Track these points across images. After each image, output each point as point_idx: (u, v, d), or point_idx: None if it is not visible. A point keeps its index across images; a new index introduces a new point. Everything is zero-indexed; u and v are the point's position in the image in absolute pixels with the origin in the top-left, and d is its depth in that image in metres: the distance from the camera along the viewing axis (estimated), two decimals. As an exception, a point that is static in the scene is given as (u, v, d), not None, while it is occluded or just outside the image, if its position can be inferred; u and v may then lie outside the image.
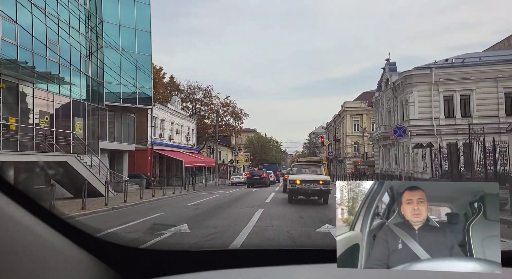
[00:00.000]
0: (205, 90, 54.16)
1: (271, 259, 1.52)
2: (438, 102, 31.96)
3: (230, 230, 8.03)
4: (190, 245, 6.13)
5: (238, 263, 1.48)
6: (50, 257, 1.07)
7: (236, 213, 11.46)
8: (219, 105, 54.95)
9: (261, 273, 1.45)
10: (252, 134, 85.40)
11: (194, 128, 49.29)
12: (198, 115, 53.57)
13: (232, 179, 40.27)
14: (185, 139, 44.58)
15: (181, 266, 1.44)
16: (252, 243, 6.53)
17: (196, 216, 10.98)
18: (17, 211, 1.00)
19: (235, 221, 9.47)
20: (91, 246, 1.23)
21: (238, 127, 58.01)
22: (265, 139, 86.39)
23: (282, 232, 7.70)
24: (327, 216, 10.17)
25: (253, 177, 32.90)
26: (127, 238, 1.81)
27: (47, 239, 1.07)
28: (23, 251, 0.97)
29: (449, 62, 32.86)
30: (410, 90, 32.75)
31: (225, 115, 56.05)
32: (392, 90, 38.15)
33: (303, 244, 6.39)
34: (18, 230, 0.98)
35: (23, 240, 0.99)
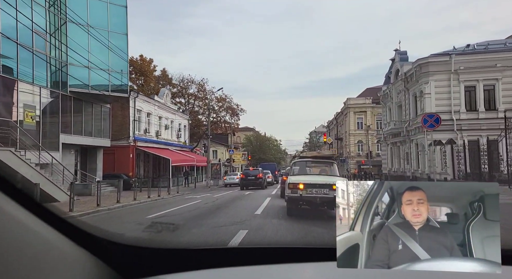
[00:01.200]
0: (198, 84, 50.38)
1: (270, 257, 1.52)
2: (458, 94, 28.12)
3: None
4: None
5: (237, 261, 1.48)
6: (48, 255, 1.06)
7: (204, 235, 7.68)
8: (214, 100, 51.19)
9: (260, 271, 1.46)
10: (251, 132, 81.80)
11: (186, 125, 45.51)
12: (191, 111, 49.79)
13: (226, 180, 36.48)
14: (175, 136, 40.80)
15: (180, 264, 1.43)
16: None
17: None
18: (16, 210, 1.00)
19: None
20: (90, 245, 1.22)
21: (235, 124, 54.10)
22: (264, 138, 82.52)
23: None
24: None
25: (247, 177, 28.95)
26: (126, 237, 1.54)
27: (45, 238, 1.07)
28: (22, 249, 0.97)
29: (470, 48, 29.02)
30: (425, 80, 28.91)
31: (220, 111, 52.25)
32: (403, 81, 34.34)
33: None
34: (17, 228, 0.98)
35: (22, 238, 0.98)
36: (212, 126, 54.13)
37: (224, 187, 34.16)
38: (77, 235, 1.19)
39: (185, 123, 45.22)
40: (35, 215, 1.06)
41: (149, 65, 48.53)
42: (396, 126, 35.95)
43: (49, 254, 1.06)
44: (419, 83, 29.95)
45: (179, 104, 51.59)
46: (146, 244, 1.56)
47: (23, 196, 1.04)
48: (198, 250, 1.59)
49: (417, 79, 30.34)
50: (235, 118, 53.38)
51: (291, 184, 10.31)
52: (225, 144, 57.40)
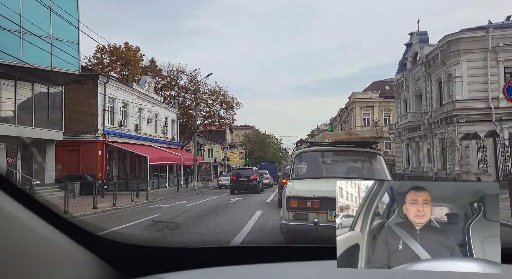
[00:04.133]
0: (190, 75, 45.26)
1: (271, 256, 1.51)
2: (496, 76, 23.03)
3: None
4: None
5: (237, 260, 1.47)
6: (49, 253, 1.05)
7: None
8: (207, 93, 46.17)
9: (260, 270, 1.45)
10: (249, 130, 76.78)
11: (174, 119, 40.46)
12: (183, 105, 44.75)
13: (220, 181, 31.80)
14: (160, 131, 35.77)
15: (181, 263, 1.42)
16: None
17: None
18: (15, 208, 0.99)
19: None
20: (90, 243, 1.21)
21: (230, 119, 48.99)
22: (264, 136, 77.33)
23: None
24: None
25: (238, 179, 23.61)
26: (126, 236, 1.67)
27: (46, 236, 1.06)
28: (22, 248, 0.96)
29: (511, 22, 23.89)
30: (456, 61, 23.78)
31: (214, 105, 47.19)
32: (423, 66, 29.22)
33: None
34: (17, 227, 0.97)
35: (22, 237, 0.98)
36: (205, 122, 49.28)
37: (219, 189, 30.12)
38: (77, 234, 1.18)
39: (173, 117, 40.18)
40: (35, 213, 1.04)
41: (135, 54, 43.53)
42: (414, 119, 30.82)
43: (49, 253, 1.06)
44: (447, 65, 24.83)
45: (170, 97, 46.62)
46: (147, 242, 1.52)
47: (23, 195, 1.02)
48: (199, 249, 1.57)
49: (443, 61, 25.21)
50: (230, 113, 48.30)
51: (294, 200, 5.26)
52: (222, 142, 52.39)
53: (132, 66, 42.53)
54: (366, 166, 6.64)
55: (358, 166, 6.91)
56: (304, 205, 5.11)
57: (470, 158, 22.19)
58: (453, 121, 23.57)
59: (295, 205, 5.17)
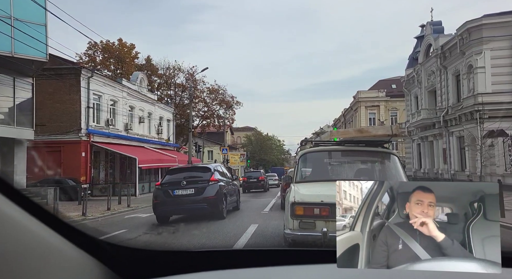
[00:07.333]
0: (187, 73, 42.92)
1: (272, 259, 1.49)
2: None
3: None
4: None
5: (239, 264, 1.45)
6: (49, 257, 1.05)
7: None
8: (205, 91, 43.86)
9: (262, 273, 1.44)
10: (251, 132, 74.44)
11: (170, 118, 38.15)
12: (180, 104, 42.44)
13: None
14: (154, 132, 33.46)
15: (182, 266, 1.41)
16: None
17: None
18: (15, 212, 0.98)
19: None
20: (90, 247, 1.20)
21: (229, 119, 46.57)
22: (266, 137, 74.91)
23: None
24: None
25: (249, 180, 29.48)
26: (126, 239, 1.20)
27: (46, 239, 1.06)
28: (22, 251, 0.96)
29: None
30: (477, 50, 21.36)
31: (213, 104, 44.84)
32: (438, 58, 26.81)
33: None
34: (17, 230, 0.97)
35: (22, 240, 0.97)
36: (203, 122, 46.96)
37: None
38: (77, 237, 1.17)
39: (169, 117, 37.88)
40: (35, 217, 1.04)
41: (130, 52, 41.27)
42: (428, 116, 28.37)
43: (49, 256, 1.05)
44: (466, 55, 22.42)
45: (167, 97, 44.33)
46: (147, 246, 1.50)
47: (22, 198, 1.02)
48: (200, 252, 1.58)
49: (462, 51, 22.79)
50: (230, 113, 45.91)
51: (300, 207, 4.64)
52: (222, 143, 50.03)
53: (127, 63, 40.31)
54: (379, 168, 6.17)
55: (370, 168, 6.35)
56: (311, 212, 4.62)
57: (496, 158, 19.75)
58: (475, 117, 21.13)
59: (301, 212, 4.67)
